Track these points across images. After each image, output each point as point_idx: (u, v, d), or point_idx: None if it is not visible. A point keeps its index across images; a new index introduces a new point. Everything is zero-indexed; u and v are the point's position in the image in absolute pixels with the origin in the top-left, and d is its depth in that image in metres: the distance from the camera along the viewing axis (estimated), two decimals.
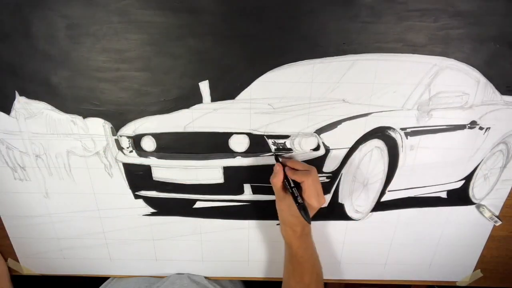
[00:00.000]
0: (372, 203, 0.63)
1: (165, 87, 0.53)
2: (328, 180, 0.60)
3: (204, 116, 0.55)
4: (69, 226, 0.66)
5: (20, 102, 0.54)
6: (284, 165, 0.54)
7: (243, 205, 0.63)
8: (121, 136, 0.57)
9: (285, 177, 0.52)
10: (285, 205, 0.53)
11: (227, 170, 0.59)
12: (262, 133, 0.56)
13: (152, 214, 0.64)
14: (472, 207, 0.64)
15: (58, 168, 0.60)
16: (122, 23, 0.48)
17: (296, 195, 0.50)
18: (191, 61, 0.51)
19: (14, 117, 0.55)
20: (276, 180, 0.53)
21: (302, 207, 0.49)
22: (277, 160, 0.56)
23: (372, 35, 0.49)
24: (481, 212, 0.63)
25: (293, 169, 0.53)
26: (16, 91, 0.54)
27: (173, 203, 0.63)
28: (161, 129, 0.56)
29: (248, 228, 0.66)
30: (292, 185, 0.51)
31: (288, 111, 0.54)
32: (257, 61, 0.51)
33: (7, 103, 0.55)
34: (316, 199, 0.51)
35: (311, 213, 0.51)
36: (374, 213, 0.64)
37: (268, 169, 0.58)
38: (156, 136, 0.57)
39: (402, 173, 0.59)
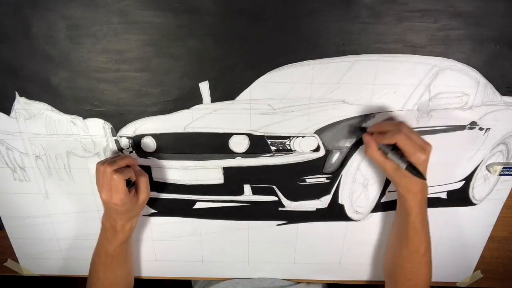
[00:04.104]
0: (372, 204, 0.63)
1: (165, 88, 0.53)
2: (328, 181, 0.60)
3: (204, 116, 0.55)
4: (69, 226, 0.66)
5: (20, 103, 0.54)
6: (372, 133, 0.51)
7: (243, 205, 0.63)
8: (121, 136, 0.57)
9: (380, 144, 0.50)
10: (392, 169, 0.49)
11: (227, 170, 0.59)
12: (262, 134, 0.56)
13: (152, 214, 0.64)
14: (472, 207, 0.64)
15: (58, 168, 0.60)
16: (122, 24, 0.48)
17: (398, 157, 0.46)
18: (191, 61, 0.51)
19: (14, 117, 0.55)
20: (371, 151, 0.50)
21: (411, 167, 0.45)
22: (363, 130, 0.53)
23: (372, 35, 0.49)
24: (489, 171, 0.60)
25: (381, 132, 0.49)
26: (16, 92, 0.54)
27: (173, 203, 0.63)
28: (161, 129, 0.56)
29: (248, 228, 0.65)
30: (389, 149, 0.47)
31: (288, 112, 0.54)
32: (257, 62, 0.51)
33: (7, 103, 0.55)
34: (420, 151, 0.46)
35: (422, 167, 0.47)
36: (374, 213, 0.64)
37: (268, 169, 0.58)
38: (156, 137, 0.57)
39: None
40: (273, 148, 0.57)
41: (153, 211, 0.64)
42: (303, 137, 0.56)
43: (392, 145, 0.48)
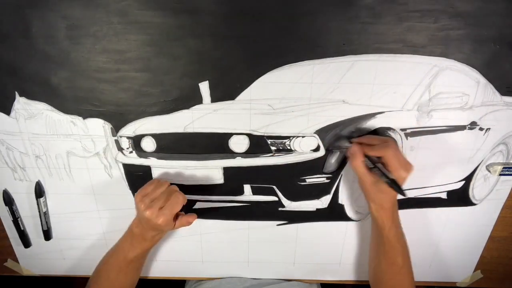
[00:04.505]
0: None
1: (165, 88, 0.53)
2: (328, 181, 0.60)
3: (204, 116, 0.55)
4: (69, 226, 0.66)
5: (20, 103, 0.54)
6: (359, 144, 0.52)
7: (243, 205, 0.63)
8: (121, 136, 0.57)
9: (365, 155, 0.51)
10: (370, 183, 0.51)
11: (227, 170, 0.59)
12: (262, 134, 0.56)
13: None
14: (472, 207, 0.64)
15: (58, 168, 0.60)
16: (122, 24, 0.48)
17: (383, 171, 0.48)
18: (191, 61, 0.51)
19: (14, 117, 0.55)
20: (357, 162, 0.50)
21: (393, 182, 0.47)
22: (349, 140, 0.54)
23: (372, 35, 0.49)
24: (490, 171, 0.60)
25: (370, 145, 0.50)
26: (16, 92, 0.54)
27: None
28: (161, 129, 0.56)
29: (248, 228, 0.65)
30: (374, 163, 0.49)
31: (288, 112, 0.54)
32: (257, 62, 0.51)
33: (7, 103, 0.55)
34: (404, 169, 0.47)
35: (401, 184, 0.48)
36: None
37: (268, 169, 0.58)
38: (156, 137, 0.57)
39: None
40: (273, 148, 0.57)
41: None
42: (303, 137, 0.56)
43: (375, 160, 0.50)
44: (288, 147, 0.56)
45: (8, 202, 0.62)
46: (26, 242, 0.67)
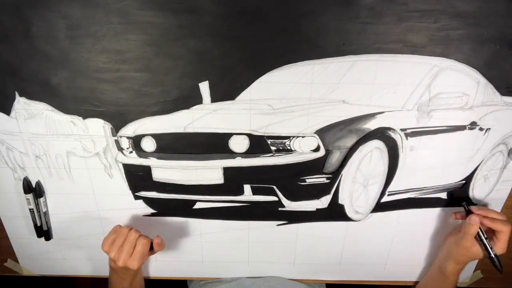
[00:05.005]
0: (372, 204, 0.63)
1: (165, 88, 0.53)
2: (328, 181, 0.60)
3: (204, 116, 0.55)
4: (69, 226, 0.66)
5: (20, 103, 0.54)
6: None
7: (243, 205, 0.63)
8: (121, 136, 0.57)
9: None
10: (468, 249, 0.57)
11: (227, 170, 0.59)
12: (262, 134, 0.56)
13: (152, 215, 0.64)
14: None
15: (58, 168, 0.60)
16: (122, 24, 0.48)
17: (489, 246, 0.56)
18: (191, 61, 0.51)
19: (14, 117, 0.55)
20: (474, 232, 0.56)
21: (496, 258, 0.56)
22: (466, 209, 0.59)
23: (372, 35, 0.49)
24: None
25: (487, 217, 0.56)
26: (16, 92, 0.54)
27: (173, 204, 0.63)
28: (161, 129, 0.56)
29: (248, 228, 0.65)
30: (486, 236, 0.56)
31: (288, 112, 0.54)
32: (257, 62, 0.51)
33: (7, 103, 0.55)
34: (505, 248, 0.56)
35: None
36: (374, 214, 0.64)
37: (268, 169, 0.58)
38: (156, 137, 0.57)
39: (402, 174, 0.59)
40: (273, 148, 0.57)
41: (153, 211, 0.64)
42: (303, 137, 0.56)
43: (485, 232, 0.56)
44: (288, 147, 0.56)
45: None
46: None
